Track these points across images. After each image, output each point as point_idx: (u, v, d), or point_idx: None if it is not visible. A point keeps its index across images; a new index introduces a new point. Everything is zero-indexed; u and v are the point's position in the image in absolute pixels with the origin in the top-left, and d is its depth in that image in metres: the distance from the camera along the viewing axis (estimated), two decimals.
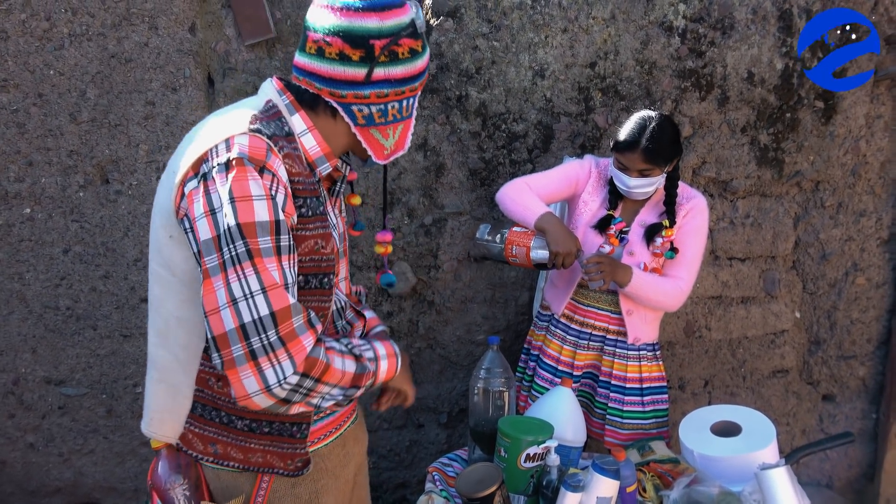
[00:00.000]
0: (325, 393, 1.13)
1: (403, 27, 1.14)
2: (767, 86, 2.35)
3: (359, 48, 1.11)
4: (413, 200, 2.37)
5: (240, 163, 1.06)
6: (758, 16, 2.28)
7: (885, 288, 2.62)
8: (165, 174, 1.21)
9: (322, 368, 1.10)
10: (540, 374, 2.09)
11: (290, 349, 1.06)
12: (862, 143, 2.46)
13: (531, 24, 2.24)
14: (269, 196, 1.07)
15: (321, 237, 1.17)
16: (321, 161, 1.20)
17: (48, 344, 2.36)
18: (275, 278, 1.06)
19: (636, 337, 1.98)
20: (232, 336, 1.04)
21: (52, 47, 2.14)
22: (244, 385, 1.05)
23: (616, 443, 1.98)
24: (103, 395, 2.42)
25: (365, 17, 1.11)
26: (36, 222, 2.27)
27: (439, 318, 2.48)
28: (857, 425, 2.74)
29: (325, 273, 1.19)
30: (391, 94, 1.16)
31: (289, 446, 1.23)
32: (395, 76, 1.15)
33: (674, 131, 1.89)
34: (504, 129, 2.33)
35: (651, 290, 1.91)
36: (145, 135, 2.23)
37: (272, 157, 1.09)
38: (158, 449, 1.26)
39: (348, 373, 1.16)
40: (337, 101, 1.16)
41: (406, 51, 1.15)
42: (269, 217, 1.06)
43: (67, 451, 2.46)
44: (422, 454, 2.62)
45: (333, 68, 1.13)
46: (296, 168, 1.13)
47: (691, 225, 1.95)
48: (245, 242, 1.04)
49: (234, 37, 2.20)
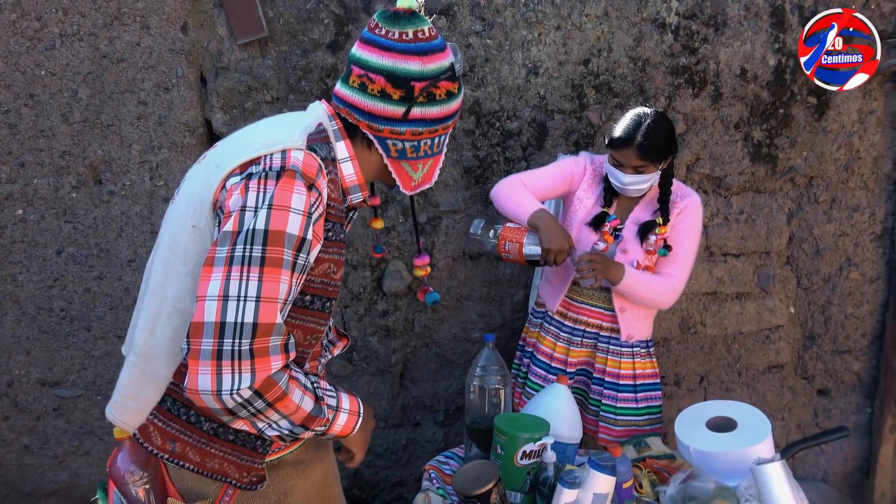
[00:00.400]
0: (272, 420, 1.12)
1: (443, 70, 1.20)
2: (760, 82, 2.36)
3: (400, 88, 1.18)
4: (407, 199, 2.36)
5: (292, 175, 1.10)
6: (750, 12, 2.29)
7: (878, 283, 2.63)
8: (202, 165, 1.23)
9: (278, 394, 1.09)
10: (534, 371, 2.09)
11: (256, 364, 1.05)
12: (855, 139, 2.47)
13: (524, 22, 2.24)
14: (306, 213, 1.10)
15: (335, 263, 1.20)
16: (355, 189, 1.26)
17: (42, 346, 2.35)
18: (277, 291, 1.07)
19: (629, 334, 1.98)
20: (207, 328, 1.04)
21: (42, 47, 2.13)
22: (198, 379, 1.05)
23: (610, 439, 1.98)
24: (98, 396, 2.41)
25: (409, 59, 1.17)
26: (28, 223, 2.26)
27: (435, 317, 2.48)
28: (852, 419, 2.75)
29: (329, 298, 1.22)
30: (425, 132, 1.23)
31: (248, 458, 1.22)
32: (431, 116, 1.22)
33: (669, 128, 1.89)
34: (498, 127, 2.32)
35: (643, 289, 1.91)
36: (138, 135, 2.22)
37: (321, 178, 1.14)
38: (121, 440, 1.25)
39: (303, 409, 1.14)
40: (374, 134, 1.22)
41: (443, 93, 1.21)
42: (299, 233, 1.09)
43: (63, 452, 2.46)
44: (418, 452, 2.62)
45: (374, 104, 1.19)
46: (334, 193, 1.18)
47: (685, 223, 1.95)
48: (264, 249, 1.06)
49: (226, 36, 2.19)
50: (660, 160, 1.87)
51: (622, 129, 1.87)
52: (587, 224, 1.98)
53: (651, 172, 1.88)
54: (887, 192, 2.55)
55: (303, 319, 1.19)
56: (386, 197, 2.34)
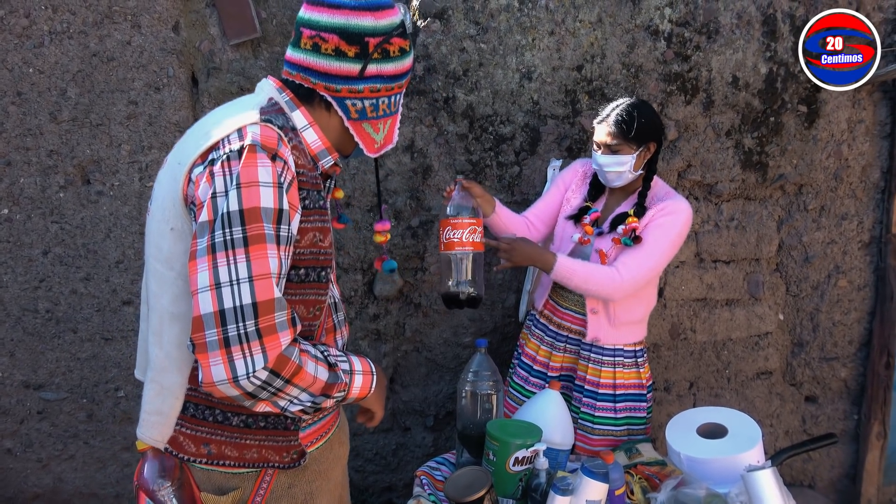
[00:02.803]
0: (293, 396, 1.11)
1: (395, 27, 1.20)
2: (752, 90, 2.37)
3: (354, 45, 1.17)
4: (400, 202, 2.36)
5: (252, 149, 1.08)
6: (742, 20, 2.30)
7: (866, 290, 2.65)
8: (165, 168, 1.22)
9: (293, 370, 1.09)
10: (517, 372, 2.10)
11: (266, 343, 1.05)
12: (844, 147, 2.49)
13: (518, 27, 2.24)
14: (276, 184, 1.08)
15: (320, 230, 1.19)
16: (323, 154, 1.24)
17: (27, 347, 2.32)
18: (268, 267, 1.06)
19: (595, 336, 1.95)
20: (208, 320, 1.03)
21: (31, 45, 2.10)
22: (212, 372, 1.04)
23: (586, 448, 1.96)
24: (83, 399, 2.38)
25: (361, 15, 1.16)
26: (14, 223, 2.22)
27: (426, 321, 2.47)
28: (840, 426, 2.77)
29: (323, 266, 1.21)
30: (382, 89, 1.22)
31: (283, 439, 1.23)
32: (387, 72, 1.21)
33: (648, 113, 1.88)
34: (491, 132, 2.32)
35: (579, 278, 1.84)
36: (128, 134, 2.20)
37: (283, 146, 1.12)
38: (144, 451, 1.24)
39: (320, 379, 1.14)
40: (332, 96, 1.20)
41: (397, 49, 1.21)
42: (274, 205, 1.07)
43: (46, 456, 2.42)
44: (408, 457, 2.61)
45: (330, 63, 1.17)
46: (301, 160, 1.16)
47: (658, 220, 1.87)
48: (244, 229, 1.05)
49: (218, 36, 2.17)
50: (634, 141, 1.86)
51: (603, 111, 1.92)
52: (567, 217, 2.00)
53: (626, 154, 1.87)
54: (875, 200, 2.58)
55: (302, 294, 1.18)
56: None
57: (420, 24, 2.22)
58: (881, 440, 2.71)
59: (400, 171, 2.33)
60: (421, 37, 2.23)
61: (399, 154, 2.32)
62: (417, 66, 2.25)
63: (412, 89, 2.26)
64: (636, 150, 1.87)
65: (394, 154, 2.31)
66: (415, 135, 2.30)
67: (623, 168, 1.88)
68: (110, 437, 2.42)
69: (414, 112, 2.28)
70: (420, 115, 2.29)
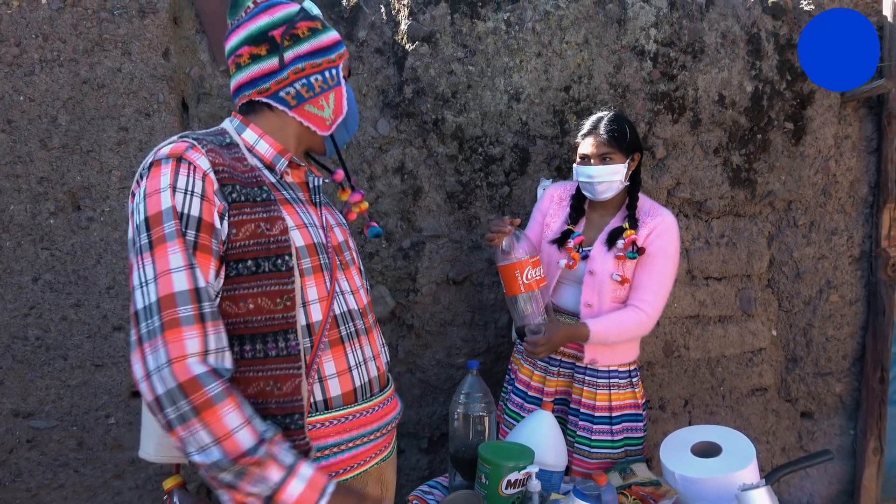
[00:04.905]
0: (203, 443, 1.00)
1: (293, 15, 1.27)
2: (738, 108, 2.39)
3: (263, 43, 1.24)
4: (391, 224, 2.36)
5: (157, 164, 1.13)
6: (727, 40, 2.33)
7: (858, 305, 2.65)
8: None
9: (203, 399, 1.00)
10: (511, 399, 2.08)
11: (167, 336, 1.03)
12: (831, 163, 2.51)
13: (506, 49, 2.26)
14: (172, 186, 1.11)
15: (265, 220, 1.16)
16: (277, 159, 1.27)
17: (16, 375, 2.30)
18: (168, 264, 1.07)
19: (593, 359, 1.95)
20: (131, 322, 1.08)
21: (22, 73, 2.11)
22: (134, 370, 1.06)
23: (583, 471, 1.95)
24: (74, 427, 2.35)
25: (256, 19, 1.25)
26: (4, 250, 2.22)
27: (419, 342, 2.46)
28: (836, 441, 2.76)
29: (278, 255, 1.16)
30: (307, 66, 1.27)
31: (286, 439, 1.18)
32: (304, 52, 1.27)
33: (630, 124, 1.93)
34: (481, 153, 2.33)
35: (614, 334, 1.89)
36: (118, 161, 2.20)
37: (191, 151, 1.14)
38: (171, 489, 1.23)
39: (236, 440, 1.01)
40: (266, 97, 1.26)
41: (305, 30, 1.27)
42: (172, 202, 1.10)
43: (36, 485, 2.38)
44: (402, 480, 2.58)
45: (251, 70, 1.26)
46: (220, 160, 1.17)
47: (656, 245, 1.90)
48: (149, 234, 1.09)
49: (208, 62, 2.19)
50: (625, 150, 1.89)
51: (586, 124, 1.94)
52: (551, 242, 2.00)
53: (618, 163, 1.88)
54: (864, 215, 2.59)
55: (260, 286, 1.14)
56: (368, 222, 2.33)
57: (409, 48, 2.24)
58: (878, 456, 2.69)
59: (390, 193, 2.34)
60: (409, 60, 2.25)
61: (389, 176, 2.33)
62: (406, 88, 2.26)
63: (402, 112, 2.28)
64: (626, 158, 1.89)
65: (384, 176, 2.32)
66: (405, 157, 2.32)
67: (616, 177, 1.89)
68: (101, 464, 2.39)
69: (404, 134, 2.30)
70: (410, 137, 2.30)
